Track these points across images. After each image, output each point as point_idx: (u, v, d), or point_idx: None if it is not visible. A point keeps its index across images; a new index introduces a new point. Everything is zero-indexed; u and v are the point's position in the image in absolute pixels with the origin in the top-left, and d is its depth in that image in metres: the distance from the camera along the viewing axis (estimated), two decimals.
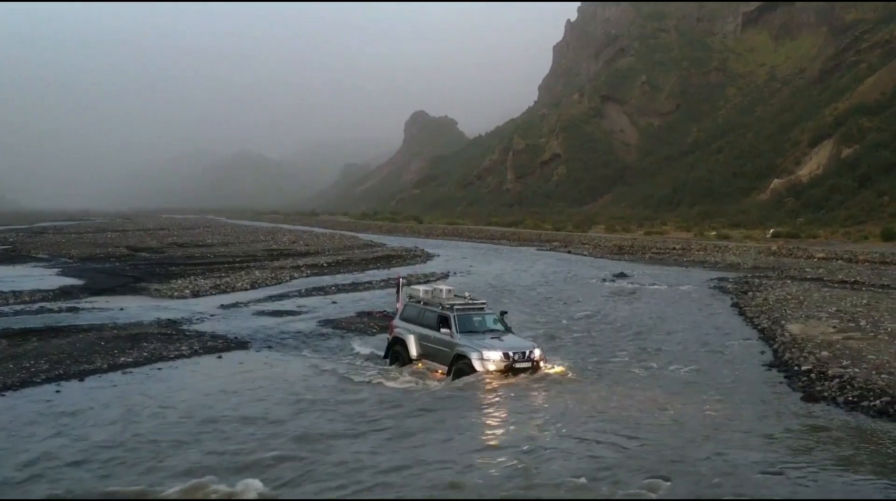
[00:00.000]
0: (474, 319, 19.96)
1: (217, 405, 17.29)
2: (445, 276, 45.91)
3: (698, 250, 59.68)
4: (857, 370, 18.82)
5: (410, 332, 20.75)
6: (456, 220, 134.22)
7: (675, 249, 61.88)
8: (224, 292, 38.74)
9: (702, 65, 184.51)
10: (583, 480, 12.39)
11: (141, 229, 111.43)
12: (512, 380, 18.37)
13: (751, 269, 47.00)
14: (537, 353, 19.19)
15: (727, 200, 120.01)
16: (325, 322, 29.02)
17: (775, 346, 23.04)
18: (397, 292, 22.76)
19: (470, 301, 20.71)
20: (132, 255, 61.73)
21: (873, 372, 18.48)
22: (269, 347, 24.88)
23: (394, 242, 77.82)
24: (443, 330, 19.59)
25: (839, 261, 50.32)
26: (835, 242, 65.18)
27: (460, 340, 19.15)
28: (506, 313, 21.97)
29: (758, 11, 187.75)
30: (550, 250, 66.75)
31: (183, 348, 24.07)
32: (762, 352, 22.67)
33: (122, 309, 32.79)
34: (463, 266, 52.59)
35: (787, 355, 21.46)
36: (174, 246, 72.10)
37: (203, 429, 15.19)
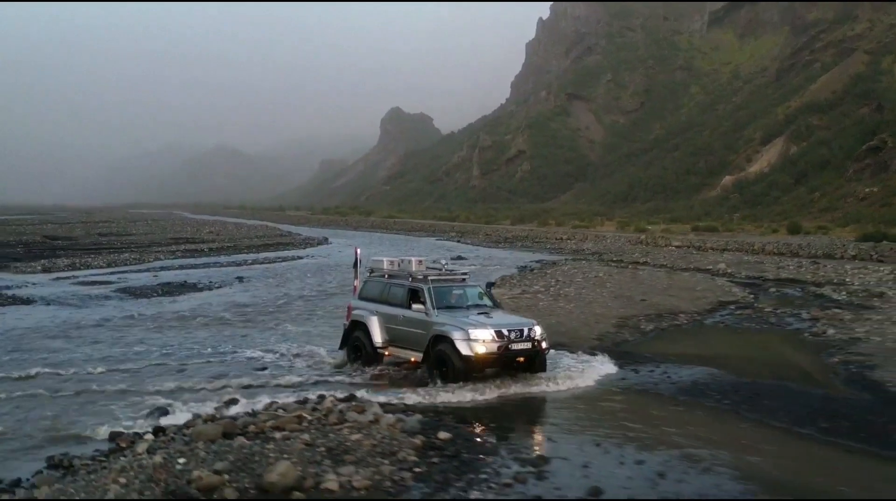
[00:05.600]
0: (454, 292, 16.68)
1: None
2: (299, 258, 49.10)
3: (579, 240, 62.94)
4: None
5: (373, 313, 17.13)
6: (395, 214, 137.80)
7: (561, 238, 65.36)
8: (77, 269, 42.07)
9: (667, 63, 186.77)
10: None
11: (88, 221, 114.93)
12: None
13: (590, 254, 50.28)
14: (538, 331, 15.46)
15: (679, 196, 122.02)
16: (121, 290, 32.16)
17: None
18: (355, 266, 18.69)
19: (447, 272, 17.37)
20: (43, 242, 64.90)
21: None
22: (48, 304, 28.28)
23: (313, 232, 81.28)
24: (415, 307, 16.09)
25: (690, 249, 53.23)
26: (743, 234, 67.83)
27: (438, 317, 15.63)
28: (493, 284, 18.91)
29: (724, 10, 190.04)
30: (447, 239, 70.26)
31: None
32: None
33: None
34: (335, 251, 55.81)
35: None
36: (96, 235, 75.37)
37: None
